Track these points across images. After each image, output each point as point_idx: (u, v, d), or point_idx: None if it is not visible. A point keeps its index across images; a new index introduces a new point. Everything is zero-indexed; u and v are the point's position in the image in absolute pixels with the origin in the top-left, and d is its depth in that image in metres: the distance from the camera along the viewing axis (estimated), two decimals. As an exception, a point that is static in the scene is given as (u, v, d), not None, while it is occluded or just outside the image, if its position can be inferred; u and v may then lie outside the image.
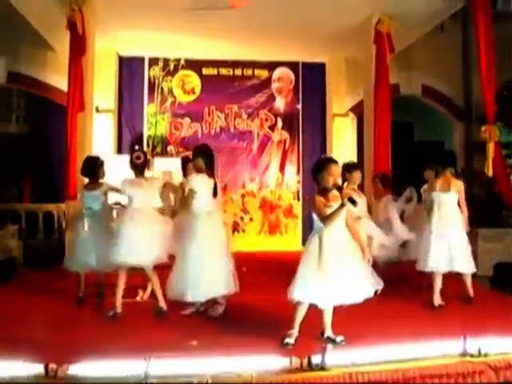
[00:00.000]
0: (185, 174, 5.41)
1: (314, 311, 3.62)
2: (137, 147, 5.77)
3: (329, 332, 3.65)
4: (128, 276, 5.06)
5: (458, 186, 5.02)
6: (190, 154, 5.49)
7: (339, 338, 3.59)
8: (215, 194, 4.48)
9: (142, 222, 4.44)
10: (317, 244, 3.56)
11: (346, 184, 5.11)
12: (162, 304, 4.46)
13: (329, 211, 3.52)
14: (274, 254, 8.86)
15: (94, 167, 5.12)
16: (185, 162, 5.47)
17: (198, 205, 4.39)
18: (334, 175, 3.59)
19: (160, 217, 4.62)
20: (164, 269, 4.52)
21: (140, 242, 4.35)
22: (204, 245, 4.31)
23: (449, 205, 5.00)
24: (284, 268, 4.89)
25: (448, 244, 4.89)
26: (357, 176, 5.20)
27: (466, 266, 4.92)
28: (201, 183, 4.39)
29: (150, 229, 4.45)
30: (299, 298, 3.56)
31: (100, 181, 5.12)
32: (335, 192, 3.54)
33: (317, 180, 3.66)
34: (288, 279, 3.64)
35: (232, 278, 4.40)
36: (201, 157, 4.49)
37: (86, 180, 5.28)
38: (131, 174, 4.68)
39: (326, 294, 3.48)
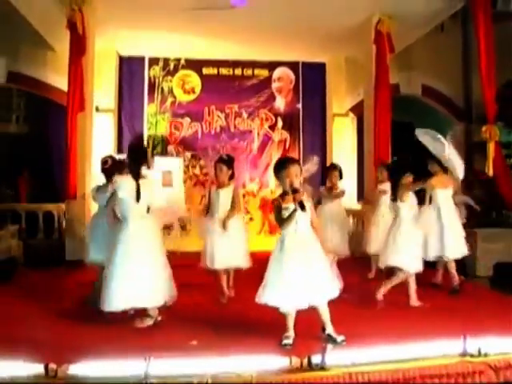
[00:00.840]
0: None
1: (314, 311, 3.62)
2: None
3: (330, 329, 3.65)
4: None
5: (456, 183, 5.42)
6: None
7: (340, 338, 3.59)
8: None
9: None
10: (279, 247, 3.61)
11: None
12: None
13: (286, 213, 3.53)
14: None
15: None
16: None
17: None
18: (291, 176, 3.54)
19: None
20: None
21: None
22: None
23: (447, 201, 5.32)
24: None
25: (440, 232, 5.22)
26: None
27: (455, 251, 5.23)
28: None
29: None
30: (265, 302, 3.57)
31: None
32: (292, 194, 3.52)
33: (278, 180, 3.69)
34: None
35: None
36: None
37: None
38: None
39: (287, 296, 3.50)
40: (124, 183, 4.07)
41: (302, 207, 3.48)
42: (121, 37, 8.57)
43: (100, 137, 8.32)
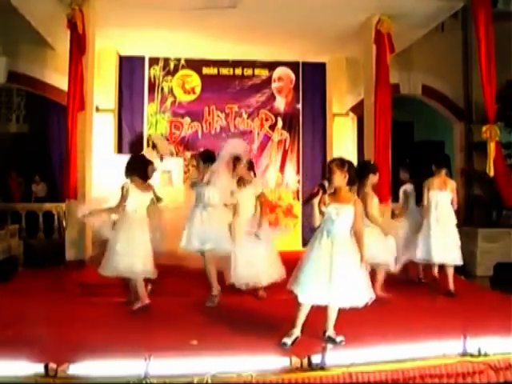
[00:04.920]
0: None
1: (315, 311, 3.61)
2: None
3: (330, 331, 3.65)
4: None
5: (452, 185, 5.45)
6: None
7: (339, 338, 3.59)
8: None
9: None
10: (312, 242, 3.64)
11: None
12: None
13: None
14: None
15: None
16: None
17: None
18: (330, 177, 3.61)
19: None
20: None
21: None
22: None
23: (444, 202, 5.39)
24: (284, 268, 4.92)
25: (443, 237, 5.28)
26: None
27: (454, 258, 5.27)
28: None
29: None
30: (291, 289, 3.57)
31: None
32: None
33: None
34: (288, 279, 3.64)
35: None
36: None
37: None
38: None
39: (307, 289, 3.51)
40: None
41: (306, 201, 3.58)
42: (121, 37, 8.55)
43: (100, 137, 8.31)
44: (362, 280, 3.54)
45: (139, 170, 4.73)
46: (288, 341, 3.54)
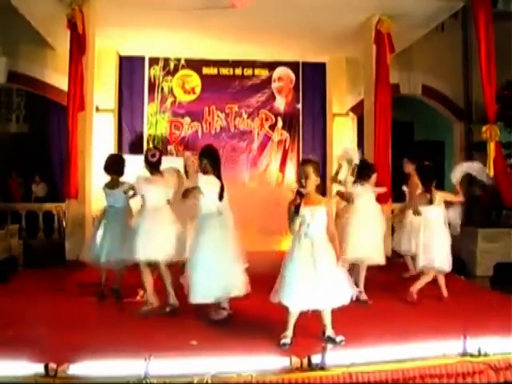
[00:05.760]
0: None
1: (313, 311, 3.61)
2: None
3: (329, 331, 3.66)
4: (127, 275, 5.11)
5: (442, 197, 5.04)
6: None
7: (339, 338, 3.59)
8: (221, 196, 4.31)
9: (158, 220, 4.49)
10: (291, 249, 3.69)
11: None
12: (173, 300, 4.50)
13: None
14: (274, 253, 8.82)
15: (120, 165, 5.19)
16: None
17: (204, 206, 4.29)
18: (302, 177, 3.68)
19: (174, 215, 4.63)
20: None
21: (155, 238, 4.40)
22: (210, 245, 4.19)
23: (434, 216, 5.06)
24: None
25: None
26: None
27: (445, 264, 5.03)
28: (208, 184, 4.26)
29: (165, 226, 4.49)
30: (278, 301, 3.58)
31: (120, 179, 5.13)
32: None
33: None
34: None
35: (242, 279, 4.25)
36: (207, 158, 4.38)
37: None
38: (131, 174, 4.69)
39: (293, 297, 3.51)
40: (210, 182, 4.25)
41: (296, 211, 3.54)
42: (121, 37, 8.55)
43: (100, 137, 8.31)
44: (343, 278, 3.60)
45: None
46: (286, 341, 3.55)
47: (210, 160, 4.36)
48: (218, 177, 4.33)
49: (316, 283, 3.48)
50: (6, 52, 8.57)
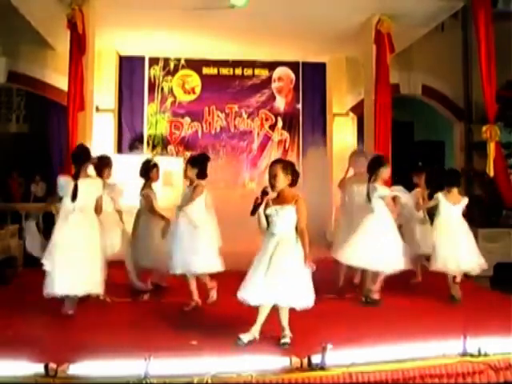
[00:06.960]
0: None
1: (312, 312, 3.60)
2: None
3: (285, 335, 3.63)
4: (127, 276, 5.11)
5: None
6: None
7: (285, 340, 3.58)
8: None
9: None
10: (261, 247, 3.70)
11: None
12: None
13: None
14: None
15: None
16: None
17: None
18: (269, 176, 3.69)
19: None
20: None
21: None
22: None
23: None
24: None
25: None
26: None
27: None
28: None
29: None
30: (240, 297, 3.60)
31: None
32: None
33: None
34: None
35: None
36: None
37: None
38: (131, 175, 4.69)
39: (252, 292, 3.54)
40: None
41: (253, 211, 3.57)
42: (121, 36, 8.56)
43: (100, 137, 8.31)
44: (302, 281, 3.53)
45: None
46: (244, 338, 3.54)
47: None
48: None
49: (269, 279, 3.47)
50: (6, 52, 8.58)
